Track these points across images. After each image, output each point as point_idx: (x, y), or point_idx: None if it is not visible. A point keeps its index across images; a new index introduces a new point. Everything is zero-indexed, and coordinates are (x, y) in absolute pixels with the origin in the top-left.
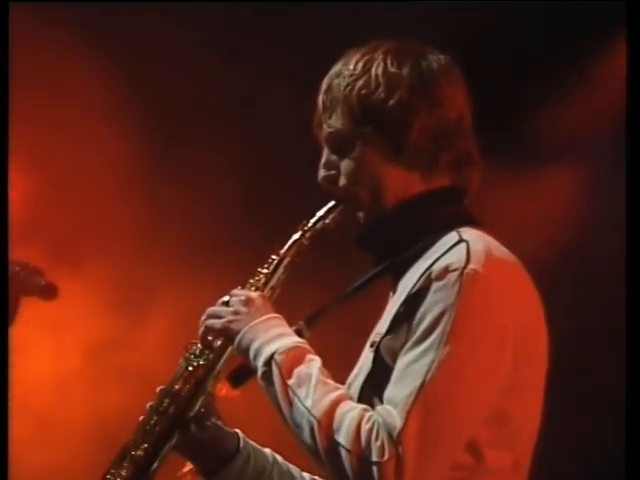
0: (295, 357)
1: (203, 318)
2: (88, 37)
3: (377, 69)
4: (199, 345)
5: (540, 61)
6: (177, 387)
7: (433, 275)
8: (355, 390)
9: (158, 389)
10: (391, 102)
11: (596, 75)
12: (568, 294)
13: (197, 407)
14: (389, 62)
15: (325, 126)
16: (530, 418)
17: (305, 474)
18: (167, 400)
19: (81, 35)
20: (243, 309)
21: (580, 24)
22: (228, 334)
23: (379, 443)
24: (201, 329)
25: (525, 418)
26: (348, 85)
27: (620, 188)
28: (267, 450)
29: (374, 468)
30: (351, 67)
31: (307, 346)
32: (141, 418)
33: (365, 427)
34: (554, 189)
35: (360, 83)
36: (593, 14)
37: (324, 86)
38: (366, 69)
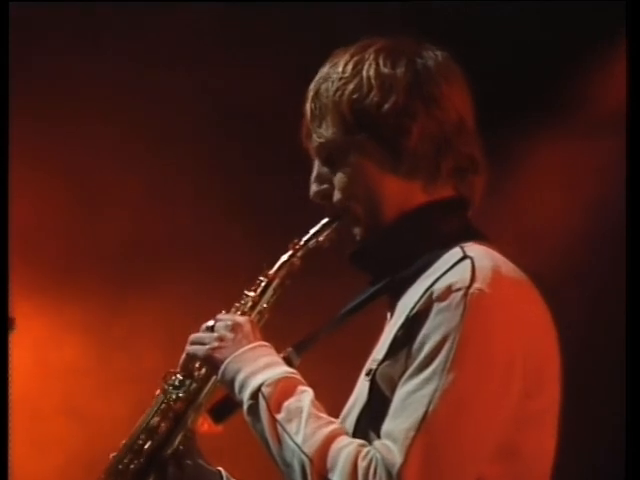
0: (284, 389)
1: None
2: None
3: (369, 70)
4: (179, 375)
5: (540, 61)
6: (154, 422)
7: (435, 295)
8: (350, 424)
9: None
10: (386, 106)
11: (596, 82)
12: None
13: (175, 444)
14: (381, 62)
15: (315, 136)
16: (543, 452)
17: None
18: (143, 436)
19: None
20: (229, 335)
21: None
22: (212, 363)
23: None
24: (183, 357)
25: (537, 452)
26: (338, 90)
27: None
28: None
29: None
30: (340, 69)
31: (298, 376)
32: (113, 455)
33: (362, 464)
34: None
35: (351, 87)
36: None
37: (311, 92)
38: (356, 71)
